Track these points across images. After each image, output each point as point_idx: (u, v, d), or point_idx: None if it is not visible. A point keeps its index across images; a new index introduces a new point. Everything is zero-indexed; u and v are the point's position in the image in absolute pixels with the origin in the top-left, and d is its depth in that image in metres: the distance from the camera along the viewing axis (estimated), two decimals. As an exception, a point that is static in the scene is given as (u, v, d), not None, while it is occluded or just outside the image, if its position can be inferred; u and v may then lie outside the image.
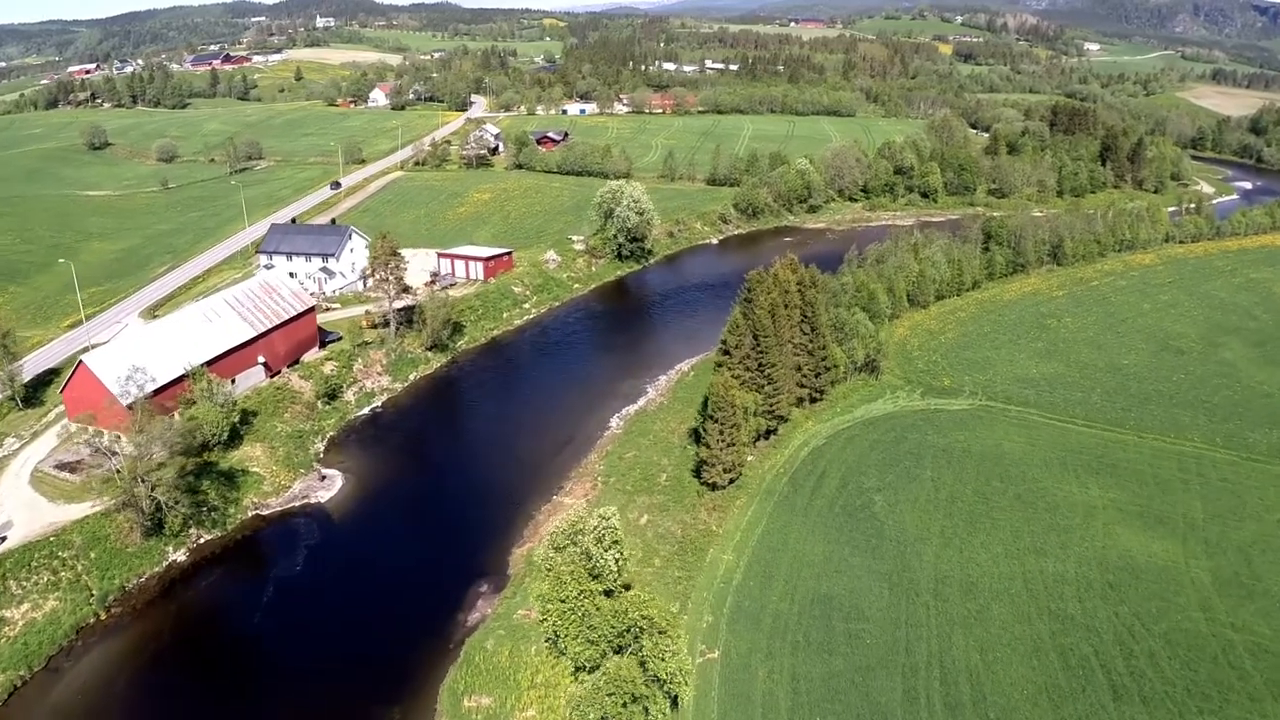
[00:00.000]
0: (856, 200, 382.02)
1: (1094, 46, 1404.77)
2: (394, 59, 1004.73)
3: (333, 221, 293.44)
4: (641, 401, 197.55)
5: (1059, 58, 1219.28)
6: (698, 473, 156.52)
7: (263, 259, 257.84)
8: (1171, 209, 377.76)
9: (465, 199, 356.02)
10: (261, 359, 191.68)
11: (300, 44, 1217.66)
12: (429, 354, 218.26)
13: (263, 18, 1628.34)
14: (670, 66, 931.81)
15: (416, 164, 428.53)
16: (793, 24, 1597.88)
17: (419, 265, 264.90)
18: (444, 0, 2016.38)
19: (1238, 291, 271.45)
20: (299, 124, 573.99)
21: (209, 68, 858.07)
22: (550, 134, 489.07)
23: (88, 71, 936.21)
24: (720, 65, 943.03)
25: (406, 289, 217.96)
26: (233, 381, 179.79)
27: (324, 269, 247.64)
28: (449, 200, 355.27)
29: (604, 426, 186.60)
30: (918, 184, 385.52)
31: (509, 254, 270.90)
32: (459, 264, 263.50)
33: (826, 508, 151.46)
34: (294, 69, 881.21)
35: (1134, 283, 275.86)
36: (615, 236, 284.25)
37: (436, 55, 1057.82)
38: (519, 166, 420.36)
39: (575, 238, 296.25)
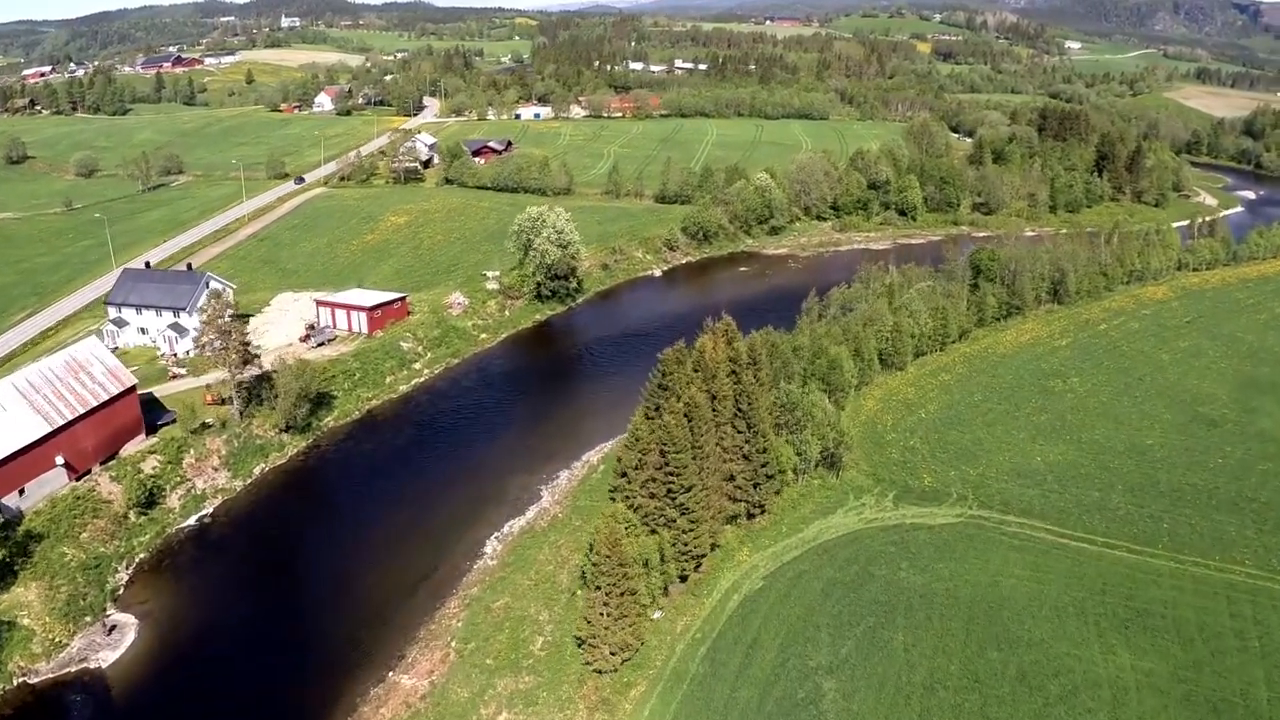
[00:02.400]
0: (825, 219, 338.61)
1: (1075, 45, 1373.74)
2: (355, 60, 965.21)
3: (189, 266, 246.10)
4: (531, 512, 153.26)
5: (1040, 56, 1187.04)
6: (584, 640, 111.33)
7: (111, 312, 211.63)
8: (1179, 225, 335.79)
9: (378, 223, 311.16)
10: (61, 459, 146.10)
11: (261, 44, 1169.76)
12: (283, 438, 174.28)
13: (232, 17, 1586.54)
14: (637, 66, 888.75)
15: (342, 179, 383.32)
16: (768, 22, 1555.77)
17: (298, 314, 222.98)
18: (417, 0, 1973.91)
19: (1265, 331, 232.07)
20: (236, 132, 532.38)
21: (156, 71, 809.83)
22: (491, 143, 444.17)
23: (42, 74, 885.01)
24: (689, 65, 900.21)
25: (250, 357, 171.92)
26: (20, 493, 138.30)
27: (174, 325, 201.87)
28: (360, 225, 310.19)
29: (478, 552, 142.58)
30: (895, 200, 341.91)
31: (402, 299, 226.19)
32: (339, 314, 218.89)
33: (756, 702, 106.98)
34: (245, 71, 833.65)
35: (1147, 324, 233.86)
36: (534, 274, 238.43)
37: (399, 56, 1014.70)
38: (448, 182, 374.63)
39: (489, 274, 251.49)
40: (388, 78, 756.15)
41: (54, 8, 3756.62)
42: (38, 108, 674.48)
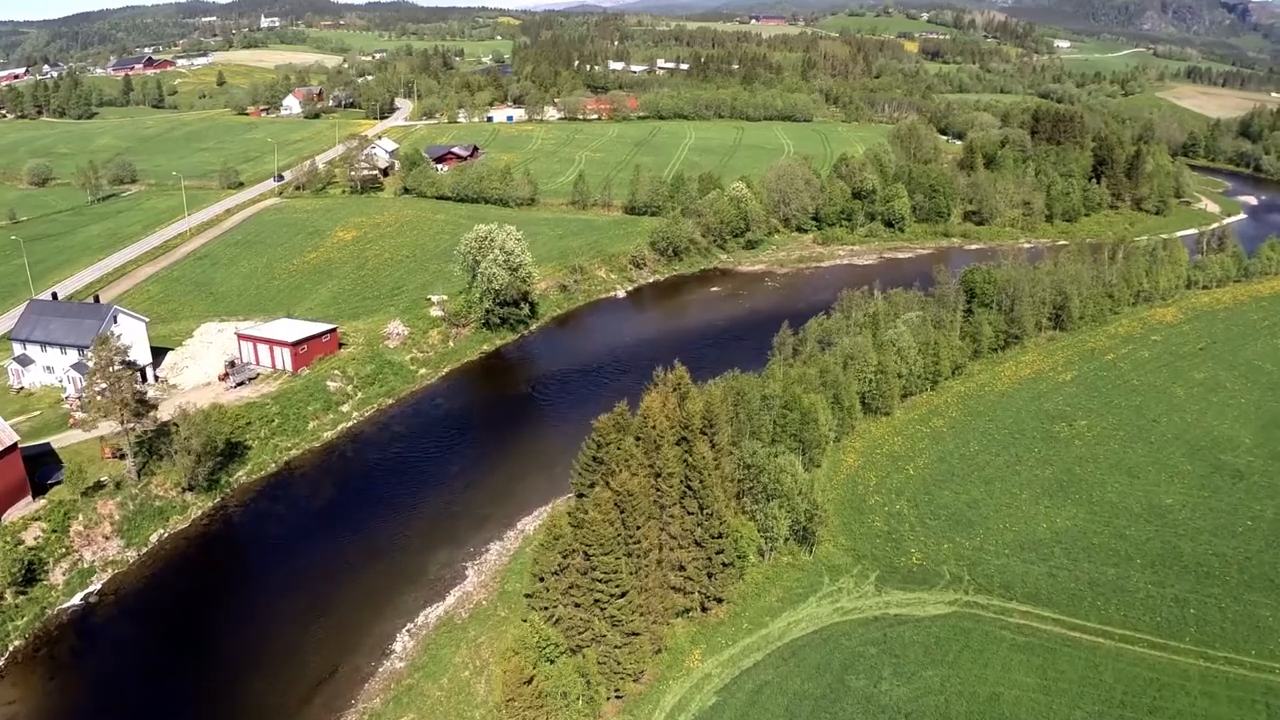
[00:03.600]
0: (806, 230, 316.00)
1: (1064, 44, 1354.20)
2: (332, 60, 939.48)
3: (95, 299, 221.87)
4: (452, 597, 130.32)
5: (1030, 56, 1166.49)
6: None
7: (15, 348, 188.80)
8: (1183, 235, 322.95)
9: (325, 239, 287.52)
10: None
11: (238, 45, 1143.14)
12: (186, 498, 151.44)
13: (214, 17, 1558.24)
14: (618, 66, 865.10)
15: (297, 189, 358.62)
16: (753, 21, 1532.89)
17: (221, 348, 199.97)
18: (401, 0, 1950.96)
19: None
20: (199, 136, 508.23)
21: (125, 74, 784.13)
22: (455, 149, 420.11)
23: (16, 76, 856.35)
24: (671, 65, 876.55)
25: (144, 408, 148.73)
26: None
27: (78, 365, 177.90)
28: (305, 241, 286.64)
29: (385, 649, 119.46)
30: (881, 210, 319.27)
31: (331, 332, 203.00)
32: (262, 349, 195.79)
33: None
34: (216, 73, 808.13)
35: (1158, 353, 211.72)
36: (480, 301, 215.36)
37: (377, 56, 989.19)
38: (406, 191, 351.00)
39: (435, 298, 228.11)
40: (364, 79, 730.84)
41: (36, 8, 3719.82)
42: (2, 111, 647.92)
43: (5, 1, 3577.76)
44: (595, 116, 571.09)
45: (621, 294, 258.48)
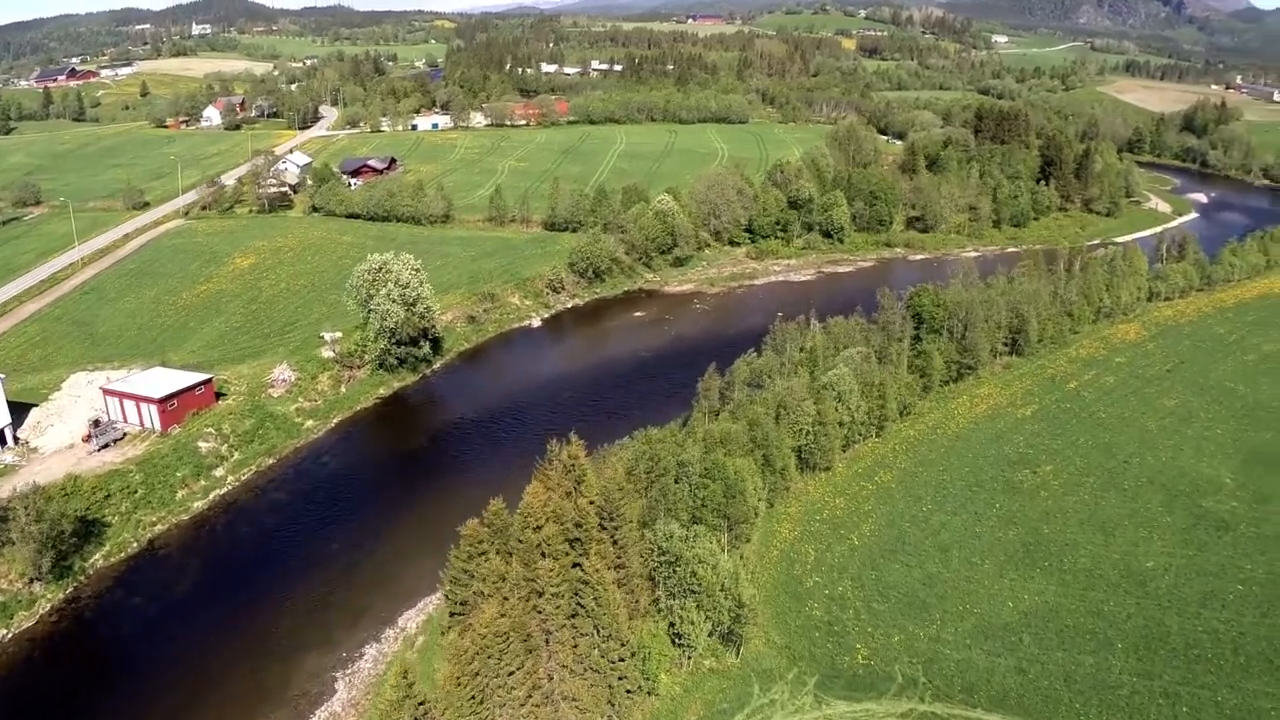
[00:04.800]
0: (739, 244, 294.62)
1: (1002, 39, 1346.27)
2: (262, 68, 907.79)
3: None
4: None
5: (968, 51, 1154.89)
6: None
7: None
8: (1137, 237, 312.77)
9: (222, 267, 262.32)
10: None
11: (166, 54, 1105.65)
12: (34, 589, 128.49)
13: (148, 25, 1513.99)
14: (551, 69, 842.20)
15: (203, 209, 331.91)
16: (690, 21, 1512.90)
17: (90, 402, 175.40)
18: (336, 4, 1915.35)
19: (1257, 379, 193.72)
20: (114, 152, 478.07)
21: (45, 86, 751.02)
22: (371, 161, 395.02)
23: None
24: (605, 66, 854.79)
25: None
26: None
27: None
28: (201, 270, 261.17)
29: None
30: (819, 220, 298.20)
31: (206, 382, 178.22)
32: (129, 405, 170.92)
33: None
34: (140, 84, 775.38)
35: (1123, 378, 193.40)
36: (375, 340, 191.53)
37: (308, 62, 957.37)
38: (315, 210, 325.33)
39: (328, 335, 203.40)
40: (293, 86, 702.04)
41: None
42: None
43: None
44: (523, 122, 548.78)
45: (536, 323, 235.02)
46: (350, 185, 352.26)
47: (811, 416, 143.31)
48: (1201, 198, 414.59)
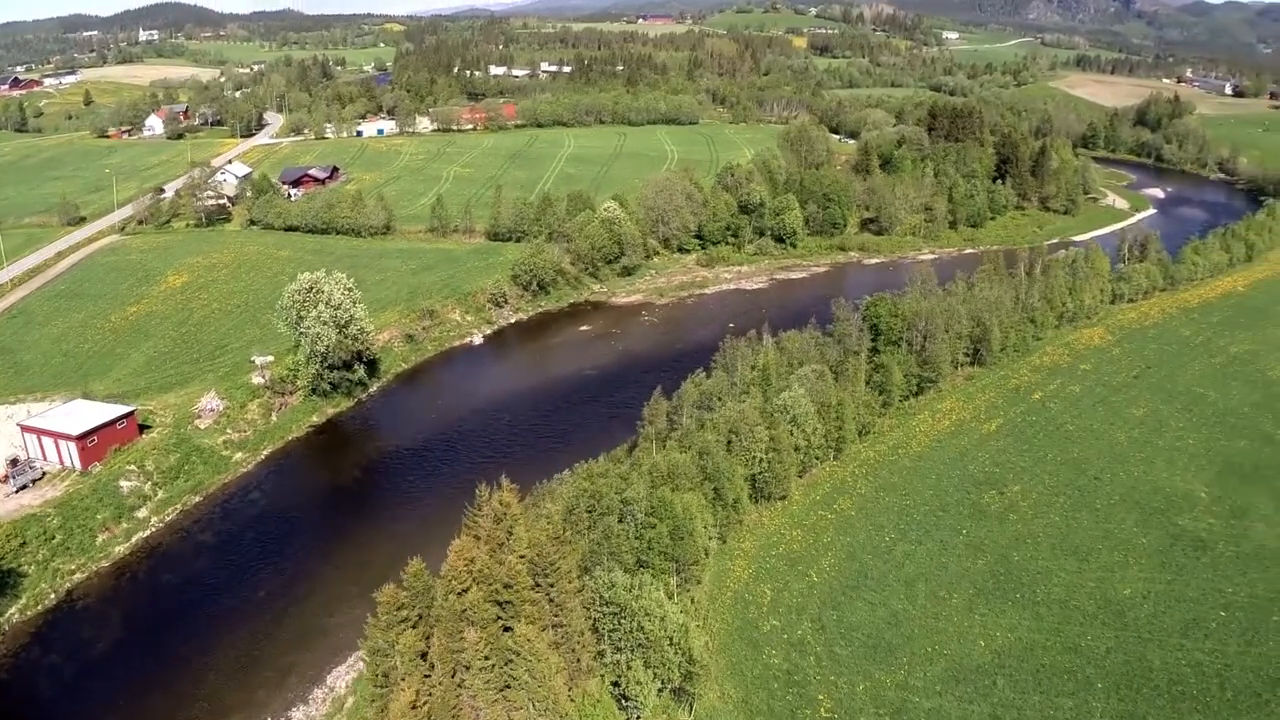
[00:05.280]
0: (689, 251, 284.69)
1: (953, 35, 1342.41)
2: (209, 74, 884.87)
3: None
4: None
5: (919, 48, 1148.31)
6: None
7: None
8: (1095, 235, 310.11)
9: (154, 286, 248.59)
10: None
11: (113, 61, 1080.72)
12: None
13: (96, 32, 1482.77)
14: (500, 71, 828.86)
15: (140, 223, 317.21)
16: (640, 20, 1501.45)
17: (9, 439, 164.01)
18: (285, 8, 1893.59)
19: (1226, 383, 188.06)
20: (55, 163, 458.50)
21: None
22: (313, 171, 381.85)
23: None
24: (554, 68, 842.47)
25: None
26: None
27: None
28: (132, 290, 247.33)
29: None
30: (770, 225, 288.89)
31: (128, 415, 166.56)
32: (47, 442, 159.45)
33: None
34: (84, 92, 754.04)
35: (1089, 386, 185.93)
36: (307, 364, 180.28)
37: (255, 68, 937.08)
38: (253, 223, 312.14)
39: (259, 359, 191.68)
40: (240, 92, 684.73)
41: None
42: None
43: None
44: (470, 127, 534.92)
45: (478, 340, 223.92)
46: (290, 196, 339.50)
47: (765, 443, 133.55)
48: (1158, 193, 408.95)
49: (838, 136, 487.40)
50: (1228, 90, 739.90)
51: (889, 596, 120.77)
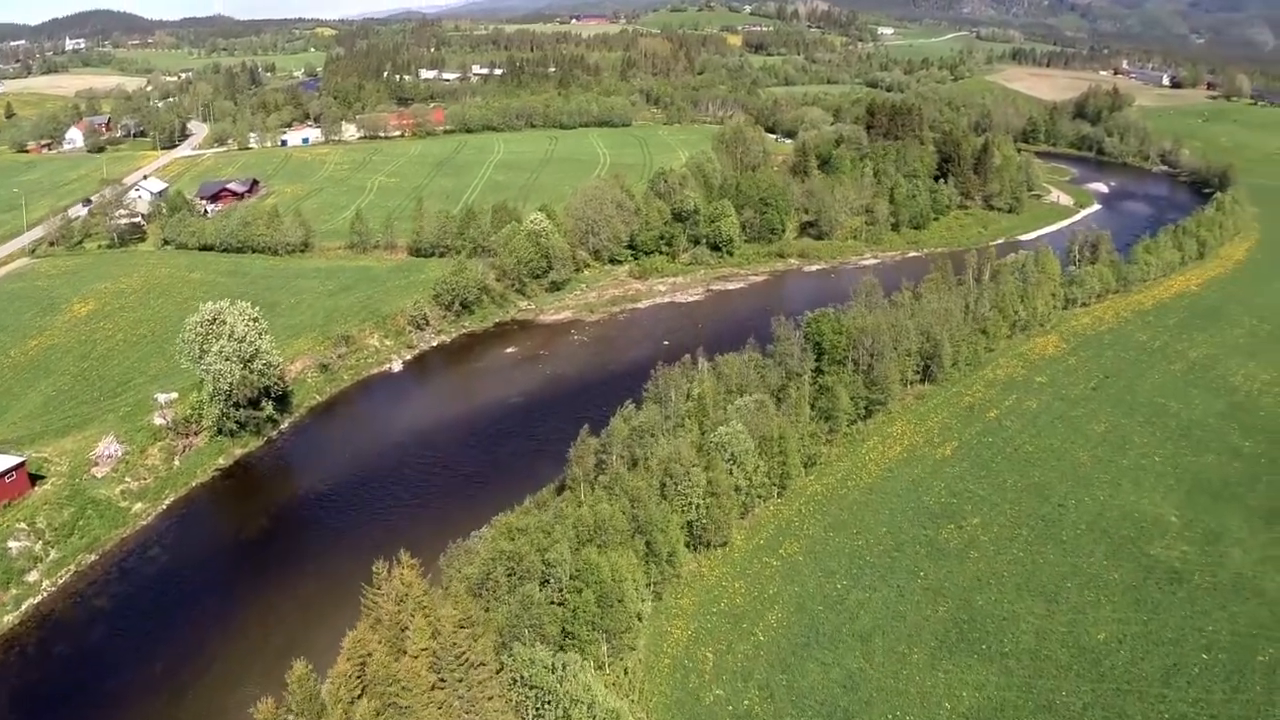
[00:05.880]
0: (621, 262, 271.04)
1: (888, 31, 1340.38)
2: (135, 83, 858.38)
3: None
4: None
5: (854, 44, 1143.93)
6: None
7: None
8: (1042, 234, 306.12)
9: (59, 315, 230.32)
10: None
11: (37, 71, 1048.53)
12: None
13: (23, 41, 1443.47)
14: (430, 74, 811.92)
15: (51, 244, 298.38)
16: (574, 21, 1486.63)
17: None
18: (216, 14, 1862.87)
19: (1187, 391, 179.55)
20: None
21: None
22: (231, 185, 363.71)
23: None
24: (485, 71, 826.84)
25: None
26: None
27: None
28: (35, 320, 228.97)
29: None
30: (705, 232, 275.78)
31: (17, 467, 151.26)
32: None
33: None
34: (5, 104, 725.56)
35: (1047, 401, 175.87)
36: (210, 402, 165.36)
37: (183, 76, 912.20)
38: (166, 243, 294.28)
39: (161, 398, 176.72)
40: (166, 101, 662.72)
41: None
42: None
43: None
44: (398, 133, 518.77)
45: (397, 366, 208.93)
46: (207, 213, 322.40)
47: (703, 487, 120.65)
48: (1102, 187, 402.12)
49: (774, 136, 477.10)
50: (1165, 81, 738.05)
51: (844, 655, 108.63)
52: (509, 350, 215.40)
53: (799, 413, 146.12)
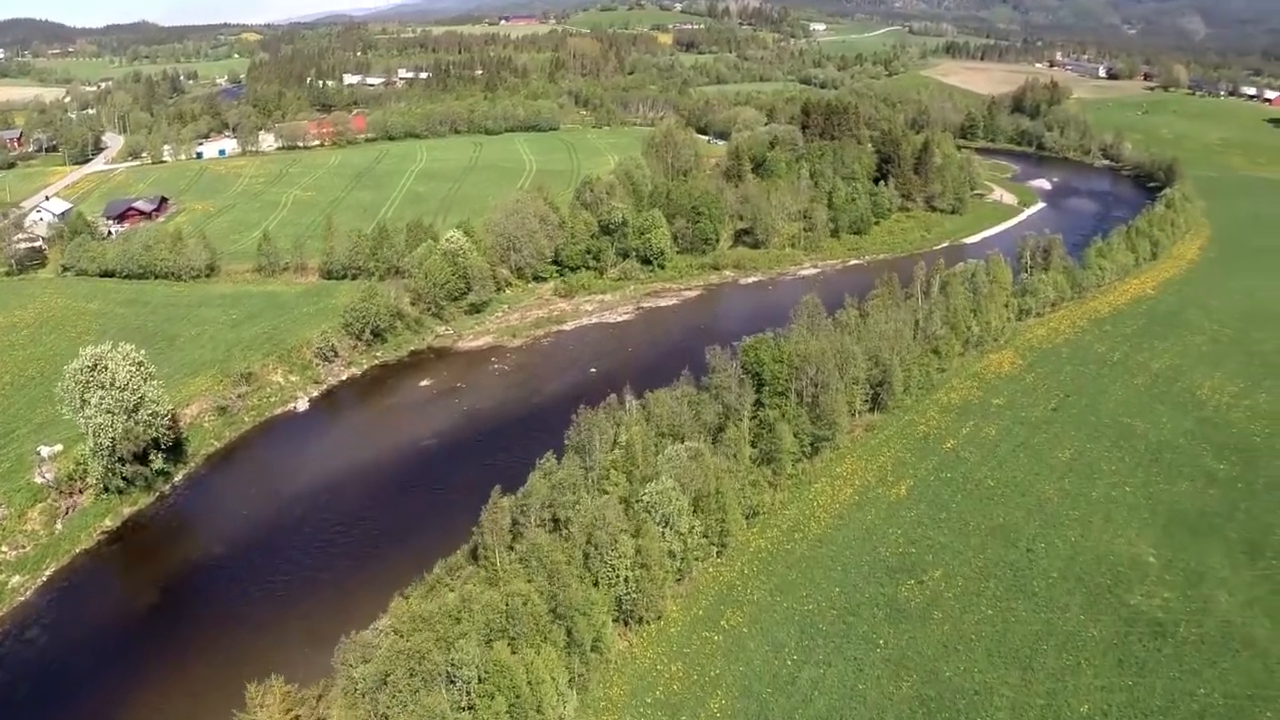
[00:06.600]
0: (545, 279, 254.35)
1: (820, 27, 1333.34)
2: (54, 94, 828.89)
3: None
4: None
5: (786, 40, 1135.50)
6: None
7: None
8: (988, 236, 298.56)
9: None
10: None
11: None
12: None
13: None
14: (354, 79, 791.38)
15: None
16: (503, 22, 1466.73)
17: None
18: (140, 20, 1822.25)
19: (1153, 408, 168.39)
20: None
21: None
22: (139, 204, 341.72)
23: None
24: (411, 74, 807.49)
25: None
26: None
27: None
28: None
29: None
30: (635, 245, 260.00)
31: None
32: None
33: None
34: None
35: (1006, 426, 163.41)
36: (94, 456, 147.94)
37: (103, 85, 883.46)
38: (66, 269, 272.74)
39: (44, 451, 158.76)
40: (75, 114, 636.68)
41: None
42: None
43: None
44: (318, 142, 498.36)
45: (303, 405, 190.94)
46: (111, 234, 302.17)
47: (629, 557, 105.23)
48: (1045, 184, 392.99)
49: (707, 138, 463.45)
50: (1102, 73, 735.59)
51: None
52: (423, 383, 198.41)
53: (739, 455, 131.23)
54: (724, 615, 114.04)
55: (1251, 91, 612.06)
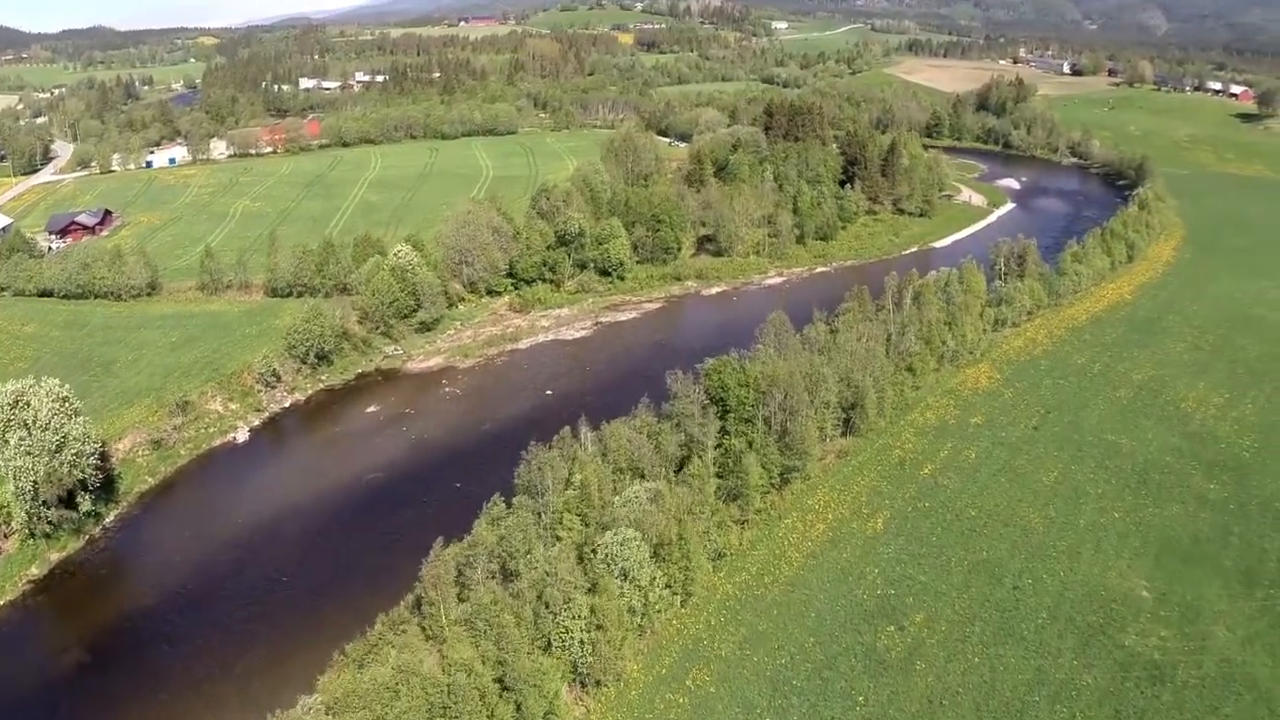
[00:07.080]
0: (500, 293, 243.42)
1: (782, 25, 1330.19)
2: (7, 101, 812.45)
3: None
4: None
5: (748, 39, 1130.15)
6: None
7: None
8: (958, 239, 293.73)
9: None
10: None
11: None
12: None
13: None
14: (310, 84, 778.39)
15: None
16: (462, 23, 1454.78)
17: None
18: (96, 24, 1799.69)
19: (1138, 423, 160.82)
20: None
21: None
22: (81, 218, 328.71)
23: None
24: (367, 78, 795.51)
25: None
26: None
27: None
28: None
29: None
30: (593, 256, 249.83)
31: None
32: None
33: None
34: None
35: (986, 449, 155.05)
36: (17, 500, 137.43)
37: (56, 92, 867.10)
38: (2, 289, 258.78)
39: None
40: (23, 122, 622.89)
41: None
42: None
43: None
44: (270, 150, 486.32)
45: (243, 436, 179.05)
46: (52, 250, 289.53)
47: (584, 619, 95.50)
48: (1014, 183, 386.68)
49: (668, 140, 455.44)
50: (1066, 69, 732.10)
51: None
52: (370, 409, 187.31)
53: (703, 490, 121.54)
54: (689, 673, 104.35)
55: (1217, 86, 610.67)
